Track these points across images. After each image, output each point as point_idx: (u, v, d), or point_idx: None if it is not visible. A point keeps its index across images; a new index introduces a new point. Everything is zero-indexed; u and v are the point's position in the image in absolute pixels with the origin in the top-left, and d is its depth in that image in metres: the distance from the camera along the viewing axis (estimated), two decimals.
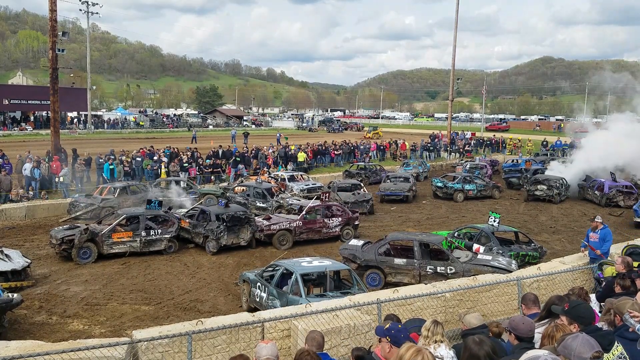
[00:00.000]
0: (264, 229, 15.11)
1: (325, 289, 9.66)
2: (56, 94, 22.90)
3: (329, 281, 9.71)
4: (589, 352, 3.05)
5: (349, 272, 10.29)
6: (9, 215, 17.82)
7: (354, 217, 16.73)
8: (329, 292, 9.50)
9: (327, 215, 16.24)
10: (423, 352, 3.21)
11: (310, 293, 9.66)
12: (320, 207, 16.29)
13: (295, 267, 9.75)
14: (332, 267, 10.14)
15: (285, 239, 15.21)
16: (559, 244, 15.78)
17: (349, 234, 16.16)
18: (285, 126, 79.63)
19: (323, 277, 9.77)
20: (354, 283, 9.95)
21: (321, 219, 16.07)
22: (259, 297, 10.09)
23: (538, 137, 49.01)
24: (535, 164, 28.34)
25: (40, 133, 47.87)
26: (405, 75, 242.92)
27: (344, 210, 16.81)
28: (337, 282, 10.30)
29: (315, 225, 15.83)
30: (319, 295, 9.42)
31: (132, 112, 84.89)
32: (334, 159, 33.44)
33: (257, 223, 15.32)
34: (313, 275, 10.04)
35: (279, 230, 15.19)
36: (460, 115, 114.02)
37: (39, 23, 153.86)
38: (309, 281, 10.04)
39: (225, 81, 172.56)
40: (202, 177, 24.98)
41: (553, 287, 9.52)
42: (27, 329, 9.22)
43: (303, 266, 9.89)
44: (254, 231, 15.09)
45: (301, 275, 9.44)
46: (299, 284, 9.28)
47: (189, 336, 6.03)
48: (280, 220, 15.59)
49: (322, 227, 15.94)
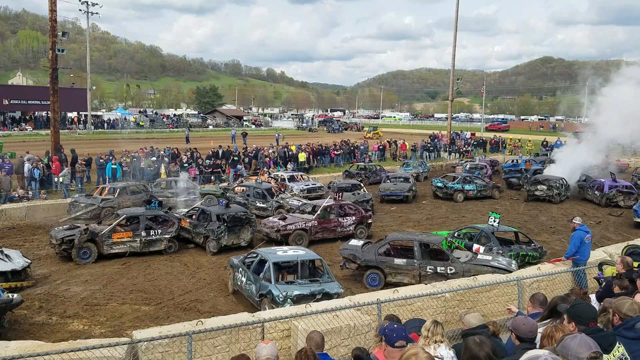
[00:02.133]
0: (281, 229, 15.08)
1: (297, 276, 10.43)
2: (56, 94, 22.91)
3: (301, 269, 10.53)
4: (586, 352, 3.05)
5: (320, 261, 10.91)
6: (9, 215, 17.81)
7: (367, 215, 16.77)
8: (300, 279, 10.29)
9: (341, 215, 16.27)
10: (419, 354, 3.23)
11: (284, 279, 10.41)
12: (335, 207, 16.32)
13: (270, 256, 10.56)
14: (304, 256, 10.92)
15: (302, 239, 15.21)
16: (559, 244, 15.77)
17: (362, 232, 16.21)
18: (285, 126, 79.66)
19: (296, 266, 10.56)
20: (324, 272, 10.63)
21: (335, 218, 16.14)
22: (240, 281, 10.96)
23: (538, 137, 49.03)
24: (535, 164, 28.34)
25: (40, 133, 47.87)
26: (405, 76, 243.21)
27: (357, 209, 16.82)
28: (311, 270, 11.00)
29: (330, 224, 15.90)
30: (288, 282, 10.17)
31: (132, 112, 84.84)
32: (334, 159, 33.45)
33: (273, 223, 15.36)
34: (286, 263, 10.80)
35: (295, 230, 15.18)
36: (460, 115, 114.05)
37: (39, 23, 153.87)
38: (284, 268, 10.84)
39: (225, 81, 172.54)
40: (202, 177, 24.98)
41: (553, 287, 9.53)
42: (27, 329, 9.21)
43: (277, 255, 10.73)
44: (254, 232, 15.09)
45: (274, 263, 10.24)
46: (270, 271, 10.03)
47: (189, 336, 6.04)
48: (296, 220, 15.57)
49: (336, 226, 16.00)
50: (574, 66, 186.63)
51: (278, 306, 9.34)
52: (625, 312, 4.22)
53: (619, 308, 4.24)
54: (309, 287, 9.96)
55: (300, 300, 9.44)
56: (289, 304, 9.36)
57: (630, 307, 4.24)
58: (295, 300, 9.49)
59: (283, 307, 9.20)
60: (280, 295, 9.55)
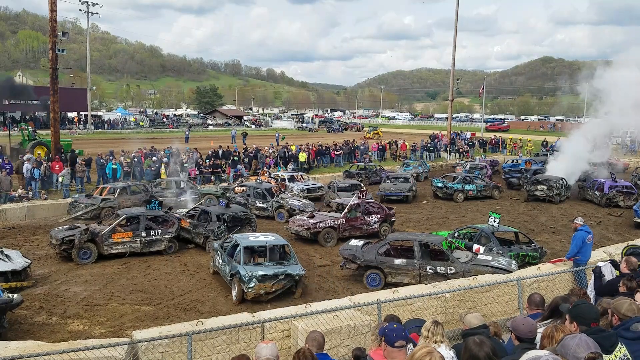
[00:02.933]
0: (310, 227, 15.45)
1: (266, 259, 11.47)
2: (56, 94, 22.92)
3: (270, 253, 11.66)
4: (584, 352, 3.05)
5: (288, 247, 11.92)
6: (9, 215, 17.81)
7: (390, 213, 17.10)
8: (268, 262, 11.30)
9: (366, 213, 16.59)
10: (433, 353, 3.24)
11: (255, 262, 11.43)
12: (361, 205, 16.64)
13: (242, 240, 11.69)
14: (273, 242, 11.96)
15: (330, 236, 15.61)
16: (559, 244, 15.77)
17: (386, 230, 16.48)
18: (285, 126, 79.68)
19: (265, 250, 11.66)
20: (291, 256, 11.59)
21: (361, 216, 16.45)
22: (217, 262, 12.14)
23: (538, 137, 49.03)
24: (535, 164, 28.34)
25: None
26: (405, 76, 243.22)
27: (380, 207, 17.25)
28: (282, 254, 11.92)
29: (357, 222, 16.26)
30: (257, 264, 11.18)
31: (132, 112, 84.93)
32: (334, 159, 33.45)
33: (303, 222, 15.83)
34: (256, 247, 11.86)
35: (324, 227, 15.57)
36: (460, 115, 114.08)
37: (39, 23, 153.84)
38: (256, 252, 11.91)
39: (225, 81, 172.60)
40: (202, 177, 24.98)
41: (553, 287, 9.53)
42: (27, 329, 9.20)
43: (249, 240, 11.87)
44: (254, 231, 15.11)
45: (244, 247, 11.38)
46: (240, 254, 11.14)
47: (189, 336, 6.03)
48: (325, 219, 15.97)
49: (362, 224, 16.34)
50: (574, 66, 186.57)
51: (245, 285, 10.49)
52: (624, 312, 4.21)
53: (618, 308, 4.24)
54: (273, 269, 10.88)
55: (265, 280, 10.60)
56: (254, 282, 10.48)
57: (629, 308, 4.24)
58: (260, 279, 10.55)
59: (249, 285, 10.45)
60: (247, 275, 10.55)
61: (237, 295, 10.73)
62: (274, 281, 10.68)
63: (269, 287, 10.65)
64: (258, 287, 10.52)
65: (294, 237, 15.65)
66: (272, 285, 10.69)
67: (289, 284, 10.97)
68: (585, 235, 10.37)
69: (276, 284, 10.74)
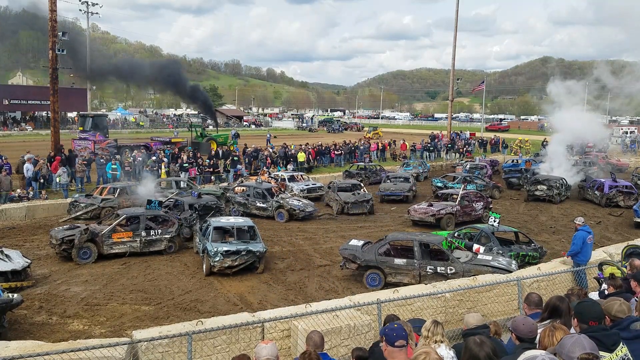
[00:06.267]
0: (435, 214, 17.52)
1: (234, 238, 12.94)
2: (56, 94, 22.93)
3: (238, 233, 13.17)
4: (578, 352, 3.05)
5: (254, 228, 13.40)
6: (9, 215, 17.81)
7: (489, 201, 19.72)
8: (235, 240, 12.77)
9: (473, 201, 18.88)
10: (430, 354, 3.25)
11: (225, 240, 12.79)
12: (469, 194, 18.99)
13: (213, 222, 13.36)
14: (241, 223, 13.63)
15: (450, 222, 17.67)
16: (559, 244, 15.76)
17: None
18: (285, 126, 79.66)
19: (234, 230, 13.20)
20: (257, 236, 13.16)
21: (470, 204, 18.66)
22: (196, 242, 13.94)
23: (538, 138, 49.01)
24: (535, 164, 28.33)
25: (40, 133, 47.90)
26: (405, 76, 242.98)
27: (481, 196, 19.74)
28: (251, 235, 13.26)
29: (468, 209, 18.43)
30: (224, 242, 12.59)
31: (132, 112, 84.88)
32: (334, 159, 33.44)
33: (425, 209, 17.79)
34: (225, 227, 13.35)
35: (446, 214, 17.67)
36: (460, 115, 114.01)
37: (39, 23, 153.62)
38: (226, 232, 13.35)
39: (225, 81, 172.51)
40: (202, 177, 24.97)
41: (553, 287, 9.53)
42: (27, 329, 9.21)
43: (219, 221, 13.63)
44: None
45: (214, 227, 13.03)
46: (210, 233, 12.76)
47: (189, 336, 6.03)
48: (445, 206, 18.08)
49: (471, 210, 18.53)
50: (574, 66, 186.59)
51: (211, 259, 11.99)
52: (614, 313, 4.21)
53: (609, 310, 4.23)
54: (236, 246, 12.38)
55: (228, 255, 12.08)
56: (219, 257, 11.99)
57: (619, 309, 4.23)
58: (224, 254, 12.04)
59: (214, 259, 11.96)
60: (212, 250, 12.10)
61: (206, 268, 12.31)
62: (237, 256, 12.16)
63: (232, 262, 12.10)
64: (222, 261, 12.04)
65: (410, 225, 17.79)
66: (235, 260, 12.15)
67: (251, 259, 12.40)
68: (586, 235, 10.38)
69: (239, 259, 12.21)
